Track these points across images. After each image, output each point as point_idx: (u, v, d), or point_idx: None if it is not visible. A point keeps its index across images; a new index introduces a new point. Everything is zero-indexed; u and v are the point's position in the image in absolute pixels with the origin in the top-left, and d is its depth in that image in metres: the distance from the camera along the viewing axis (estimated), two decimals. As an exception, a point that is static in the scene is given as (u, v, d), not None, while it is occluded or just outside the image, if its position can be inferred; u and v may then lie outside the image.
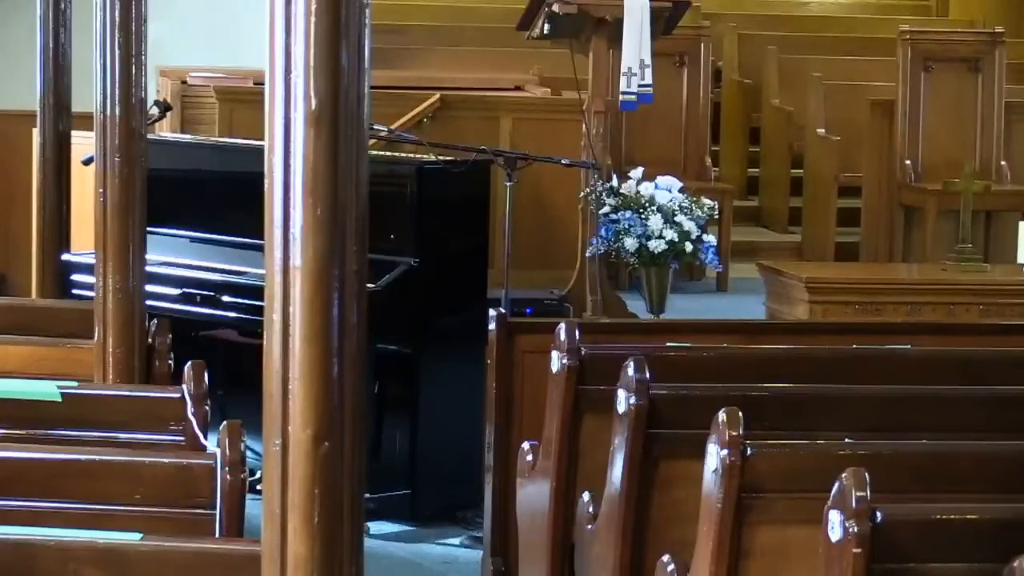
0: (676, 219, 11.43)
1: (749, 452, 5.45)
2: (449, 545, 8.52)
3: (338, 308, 2.96)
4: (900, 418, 6.13)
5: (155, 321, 6.59)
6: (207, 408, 5.55)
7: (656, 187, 11.55)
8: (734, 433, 5.45)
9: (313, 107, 2.93)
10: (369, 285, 2.97)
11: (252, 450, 4.57)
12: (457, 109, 12.63)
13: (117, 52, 6.21)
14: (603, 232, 11.37)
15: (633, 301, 11.86)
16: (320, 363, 2.96)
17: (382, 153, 9.41)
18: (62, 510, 4.84)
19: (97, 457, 5.16)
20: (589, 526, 6.47)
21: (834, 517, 4.70)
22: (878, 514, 4.67)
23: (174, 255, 9.09)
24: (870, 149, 13.93)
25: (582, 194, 11.57)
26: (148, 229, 6.46)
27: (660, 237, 11.33)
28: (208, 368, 5.67)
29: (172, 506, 4.88)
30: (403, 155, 9.73)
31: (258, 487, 3.12)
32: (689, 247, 11.53)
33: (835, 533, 4.70)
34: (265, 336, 3.01)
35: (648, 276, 11.69)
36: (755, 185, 16.06)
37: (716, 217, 12.28)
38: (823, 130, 14.67)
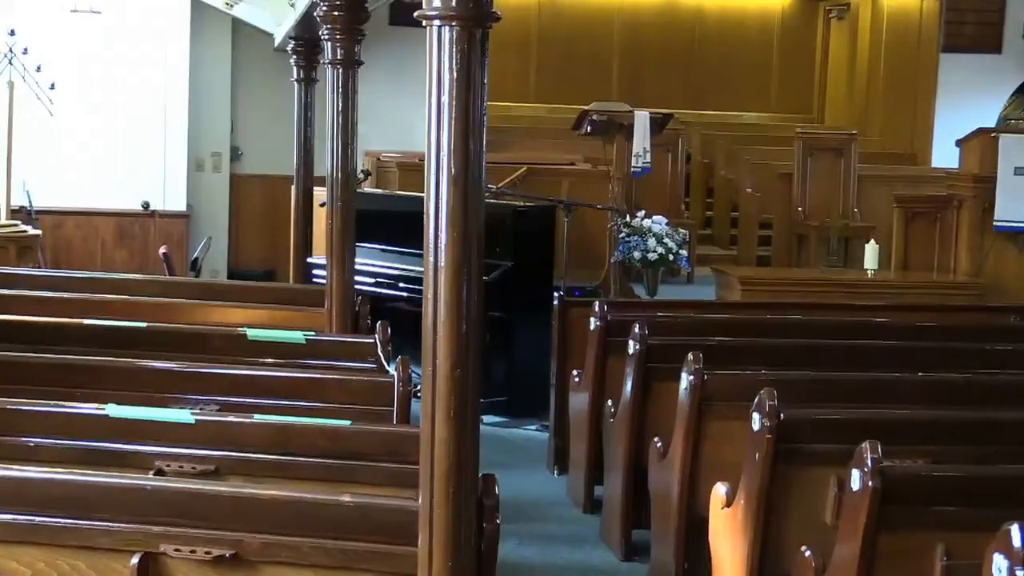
0: (664, 241, 11.40)
1: (706, 377, 5.43)
2: (529, 430, 8.50)
3: (466, 291, 2.95)
4: (796, 358, 6.10)
5: (360, 297, 6.59)
6: (389, 348, 5.55)
7: (652, 222, 11.52)
8: (697, 366, 5.44)
9: (453, 173, 2.92)
10: (484, 278, 2.94)
11: (415, 372, 4.56)
12: (536, 175, 12.61)
13: (339, 141, 6.22)
14: (621, 248, 11.34)
15: (638, 288, 11.82)
16: (455, 323, 2.95)
17: (493, 201, 9.38)
18: (303, 407, 4.85)
19: (324, 376, 5.18)
20: (611, 420, 6.45)
21: (755, 416, 4.67)
22: (781, 414, 4.64)
23: (371, 259, 9.12)
24: (777, 201, 13.84)
25: (609, 226, 11.53)
26: (356, 244, 6.48)
27: (655, 251, 11.30)
28: (390, 325, 5.68)
29: (367, 405, 4.88)
30: (505, 202, 9.71)
31: (418, 395, 3.11)
32: (672, 257, 11.50)
33: (756, 425, 4.67)
34: (424, 307, 3.01)
35: (647, 274, 11.65)
36: (710, 221, 15.97)
37: (687, 240, 12.26)
38: (750, 190, 14.59)
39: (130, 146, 12.42)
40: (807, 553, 4.20)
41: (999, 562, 3.08)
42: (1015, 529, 3.07)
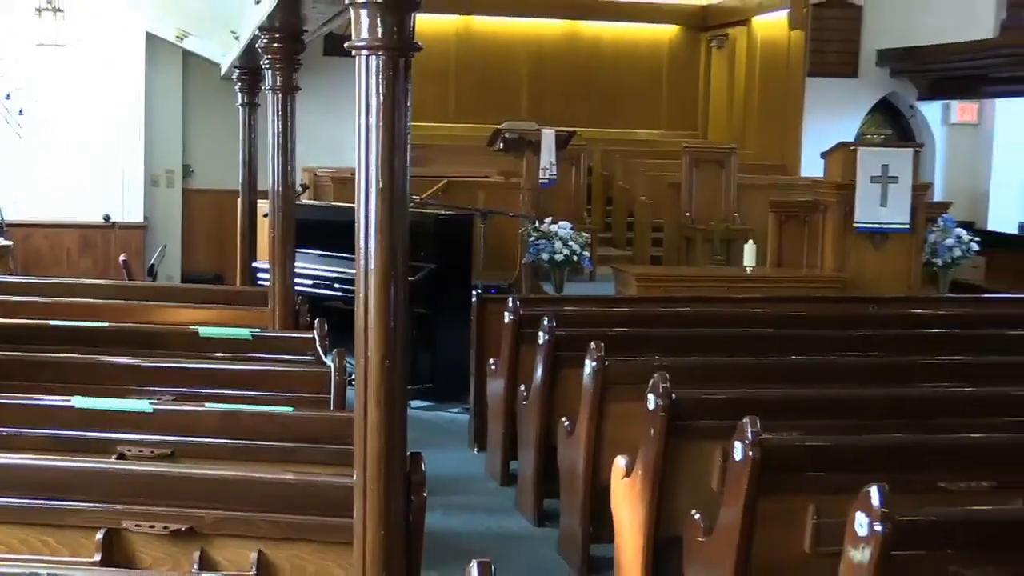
0: (569, 243, 11.39)
1: (607, 364, 5.44)
2: (452, 412, 8.47)
3: (393, 291, 2.93)
4: (686, 346, 6.12)
5: (300, 297, 6.55)
6: (326, 343, 5.52)
7: (558, 227, 11.52)
8: (599, 354, 5.45)
9: (381, 186, 2.90)
10: (410, 278, 2.92)
11: (350, 363, 4.53)
12: (456, 187, 12.58)
13: (280, 159, 6.15)
14: (531, 250, 11.31)
15: (547, 286, 11.82)
16: (384, 319, 2.94)
17: (417, 210, 9.34)
18: (251, 396, 4.81)
19: (269, 368, 5.14)
20: (524, 402, 6.45)
21: (651, 396, 4.69)
22: (673, 395, 4.66)
23: (310, 263, 9.04)
24: (668, 207, 13.91)
25: (521, 231, 11.52)
26: (296, 250, 6.42)
27: (561, 253, 11.29)
28: (327, 322, 5.64)
29: (308, 393, 4.86)
30: (428, 211, 9.67)
31: (352, 383, 3.09)
32: (576, 258, 11.50)
33: (651, 405, 4.69)
34: (356, 305, 2.98)
35: (554, 273, 11.64)
36: (609, 226, 16.04)
37: (589, 242, 12.27)
38: (644, 197, 14.66)
39: (92, 164, 12.36)
40: (696, 516, 4.24)
41: (860, 519, 3.14)
42: (874, 491, 3.12)
